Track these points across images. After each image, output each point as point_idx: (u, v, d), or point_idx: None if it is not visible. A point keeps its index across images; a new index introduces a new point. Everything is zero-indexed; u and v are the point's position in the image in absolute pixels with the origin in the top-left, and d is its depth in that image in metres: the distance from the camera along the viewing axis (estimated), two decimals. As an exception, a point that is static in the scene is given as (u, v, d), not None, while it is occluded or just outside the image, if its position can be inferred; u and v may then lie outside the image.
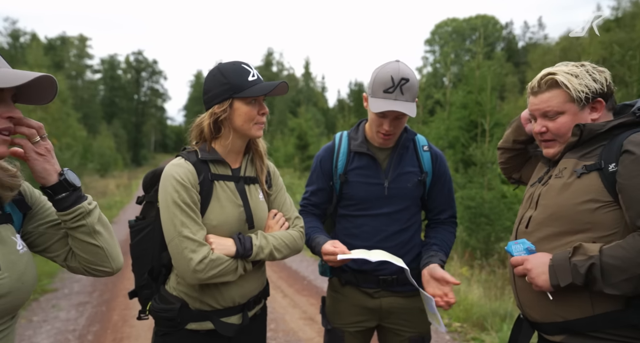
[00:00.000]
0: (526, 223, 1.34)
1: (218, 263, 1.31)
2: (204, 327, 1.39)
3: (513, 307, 4.13)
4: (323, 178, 1.73)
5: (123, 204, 13.65)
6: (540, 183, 1.37)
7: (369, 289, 1.69)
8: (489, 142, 7.18)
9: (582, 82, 1.25)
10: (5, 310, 0.90)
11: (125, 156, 38.57)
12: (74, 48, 46.37)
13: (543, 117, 1.31)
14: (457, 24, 48.39)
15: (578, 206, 1.20)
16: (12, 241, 0.94)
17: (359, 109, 20.16)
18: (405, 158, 1.69)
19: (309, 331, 3.73)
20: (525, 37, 48.62)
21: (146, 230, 1.47)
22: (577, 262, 1.14)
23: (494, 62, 12.44)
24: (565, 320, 1.23)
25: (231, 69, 1.39)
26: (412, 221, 1.70)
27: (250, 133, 1.40)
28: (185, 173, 1.35)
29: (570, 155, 1.29)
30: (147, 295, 1.47)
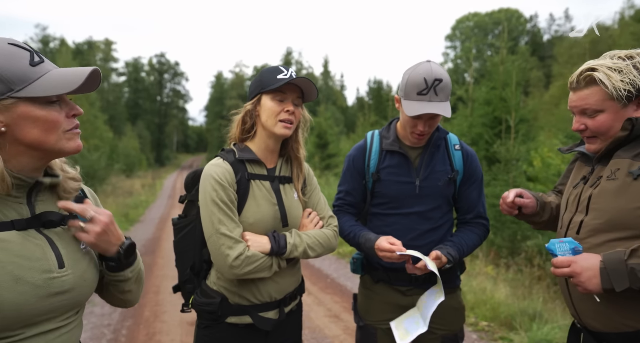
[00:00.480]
0: (577, 228, 1.26)
1: (253, 259, 1.36)
2: (243, 321, 1.44)
3: (542, 307, 4.05)
4: (357, 176, 1.75)
5: (148, 203, 14.01)
6: (586, 184, 1.28)
7: (402, 287, 1.70)
8: (514, 138, 7.05)
9: (625, 78, 1.16)
10: (70, 305, 0.95)
11: (149, 156, 39.49)
12: (100, 52, 47.73)
13: (582, 115, 1.26)
14: (479, 19, 47.49)
15: (638, 210, 1.13)
16: (76, 240, 1.00)
17: (378, 107, 20.06)
18: (437, 156, 1.69)
19: (335, 328, 3.75)
20: (551, 30, 47.38)
21: (188, 228, 1.53)
22: (635, 266, 1.07)
23: (518, 57, 12.18)
24: (635, 330, 1.16)
25: (266, 70, 1.46)
26: (443, 219, 1.70)
27: (274, 130, 1.43)
28: (223, 173, 1.40)
29: (623, 154, 1.20)
30: (189, 290, 1.54)
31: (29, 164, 0.92)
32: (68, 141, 0.92)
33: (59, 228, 0.97)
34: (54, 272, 0.91)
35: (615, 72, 1.17)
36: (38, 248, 0.91)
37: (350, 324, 3.84)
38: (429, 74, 1.53)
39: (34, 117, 0.87)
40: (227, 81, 54.42)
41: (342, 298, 4.52)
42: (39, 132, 0.88)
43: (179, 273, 1.58)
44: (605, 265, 1.11)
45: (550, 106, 19.65)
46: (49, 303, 0.90)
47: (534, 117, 11.09)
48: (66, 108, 0.93)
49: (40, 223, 0.94)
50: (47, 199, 0.98)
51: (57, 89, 0.87)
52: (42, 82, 0.87)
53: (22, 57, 0.87)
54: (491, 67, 9.22)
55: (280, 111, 1.42)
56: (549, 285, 4.92)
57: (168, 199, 15.15)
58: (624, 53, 1.22)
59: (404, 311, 1.71)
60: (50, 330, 0.92)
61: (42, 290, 0.89)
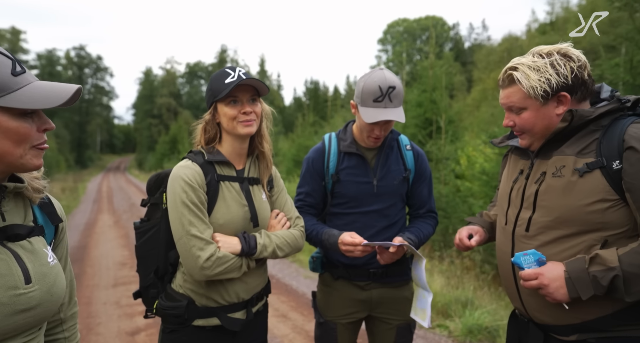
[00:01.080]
0: (525, 225, 1.27)
1: (224, 260, 1.36)
2: (210, 323, 1.43)
3: (473, 295, 4.40)
4: (316, 178, 1.80)
5: (70, 208, 12.91)
6: (528, 179, 1.30)
7: (361, 282, 1.78)
8: (444, 138, 7.53)
9: (542, 77, 1.19)
10: (35, 321, 0.90)
11: (69, 158, 36.41)
12: (5, 42, 42.93)
13: (510, 112, 1.30)
14: (408, 24, 49.93)
15: (588, 207, 1.15)
16: (43, 253, 0.94)
17: (316, 107, 20.30)
18: (391, 157, 1.80)
19: (283, 328, 3.77)
20: (470, 38, 51.07)
21: (151, 231, 1.50)
22: (597, 274, 1.10)
23: (444, 62, 13.01)
24: (583, 321, 1.19)
25: (214, 77, 1.46)
26: (398, 216, 1.81)
27: (236, 131, 1.45)
28: (192, 174, 1.39)
29: (567, 151, 1.22)
30: (153, 294, 1.50)
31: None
32: (32, 158, 0.88)
33: (25, 241, 0.91)
34: (20, 288, 0.86)
35: (534, 71, 1.20)
36: (3, 263, 0.86)
37: (298, 323, 3.88)
38: (383, 81, 1.62)
39: (5, 128, 0.83)
40: (158, 78, 51.75)
41: (289, 298, 4.55)
42: (6, 143, 0.84)
43: (140, 278, 1.53)
44: (569, 275, 1.14)
45: (472, 109, 21.22)
46: (13, 321, 0.85)
47: (459, 118, 11.94)
48: (38, 122, 0.89)
49: (5, 236, 0.88)
50: (11, 209, 0.92)
51: (38, 103, 0.83)
52: (23, 93, 0.83)
53: (4, 65, 0.83)
54: (421, 71, 9.77)
55: (237, 113, 1.43)
56: (477, 274, 5.35)
57: (94, 204, 14.09)
58: (546, 50, 1.24)
59: (362, 305, 1.79)
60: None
61: (8, 307, 0.84)
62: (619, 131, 1.15)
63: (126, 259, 6.27)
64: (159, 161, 28.10)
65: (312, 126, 12.66)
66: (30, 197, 0.96)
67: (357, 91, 1.69)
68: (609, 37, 9.36)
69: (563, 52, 1.22)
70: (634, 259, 1.08)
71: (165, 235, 1.45)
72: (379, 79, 1.63)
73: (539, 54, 1.23)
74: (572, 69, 1.19)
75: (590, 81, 1.23)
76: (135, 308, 4.28)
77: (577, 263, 1.15)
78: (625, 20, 4.63)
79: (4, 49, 0.87)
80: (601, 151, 1.16)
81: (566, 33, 22.57)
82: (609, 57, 5.17)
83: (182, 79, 54.03)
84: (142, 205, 1.55)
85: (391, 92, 1.62)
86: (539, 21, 33.42)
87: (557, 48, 1.23)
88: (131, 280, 5.26)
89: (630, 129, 1.13)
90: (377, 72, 1.66)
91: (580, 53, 1.24)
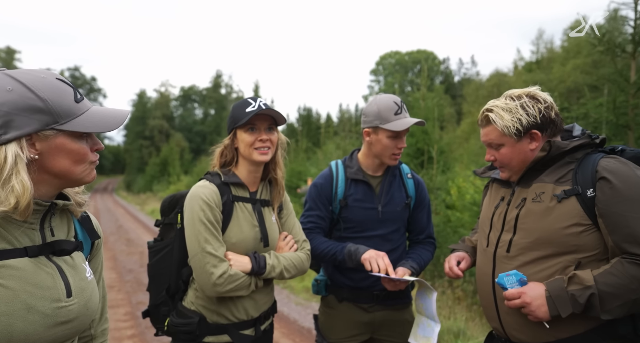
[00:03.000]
0: (506, 247, 1.37)
1: (235, 278, 1.42)
2: (220, 340, 1.48)
3: (465, 326, 4.41)
4: (325, 202, 1.88)
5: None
6: (510, 205, 1.41)
7: (365, 304, 1.83)
8: (436, 169, 7.69)
9: (514, 117, 1.33)
10: (71, 334, 0.94)
11: (56, 177, 35.80)
12: (0, 61, 43.10)
13: (490, 148, 1.44)
14: (399, 57, 51.48)
15: (564, 230, 1.26)
16: (82, 268, 1.00)
17: (309, 134, 20.57)
18: (394, 184, 1.90)
19: (275, 355, 3.73)
20: (460, 72, 52.79)
21: (165, 250, 1.55)
22: (575, 292, 1.20)
23: (435, 94, 13.45)
24: (558, 339, 1.28)
25: (236, 105, 1.57)
26: (400, 241, 1.89)
27: (252, 158, 1.53)
28: (210, 194, 1.46)
29: (546, 179, 1.34)
30: (165, 312, 1.53)
31: (47, 192, 0.94)
32: (89, 174, 0.96)
33: (67, 256, 0.97)
34: (62, 301, 0.91)
35: (506, 112, 1.34)
36: (49, 276, 0.91)
37: (290, 350, 3.84)
38: (394, 98, 1.81)
39: (68, 150, 0.91)
40: (151, 100, 52.03)
41: (280, 324, 4.51)
42: (69, 163, 0.92)
43: (151, 297, 1.57)
44: (550, 294, 1.23)
45: (462, 140, 21.74)
46: (54, 333, 0.89)
47: (450, 149, 12.25)
48: (91, 143, 0.97)
49: (51, 250, 0.93)
50: (57, 224, 0.98)
51: (97, 128, 0.93)
52: (85, 118, 0.92)
53: (69, 93, 0.92)
54: (413, 102, 10.08)
55: (254, 140, 1.52)
56: (468, 305, 5.37)
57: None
58: (517, 93, 1.39)
59: (365, 327, 1.84)
60: None
61: (51, 319, 0.88)
62: (592, 164, 1.29)
63: (114, 282, 6.16)
64: (149, 183, 27.86)
65: (305, 153, 12.82)
66: (73, 211, 1.02)
67: (372, 115, 1.80)
68: (592, 78, 9.83)
69: (531, 95, 1.37)
70: (608, 279, 1.19)
71: (179, 253, 1.51)
72: (390, 98, 1.81)
73: (511, 97, 1.39)
74: (540, 109, 1.35)
75: (557, 119, 1.38)
76: (123, 332, 4.20)
77: (557, 282, 1.24)
78: (607, 63, 4.92)
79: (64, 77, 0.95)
80: (577, 179, 1.29)
81: (551, 71, 23.45)
82: (592, 97, 5.44)
83: (176, 102, 54.40)
84: (156, 225, 1.62)
85: (403, 106, 1.81)
86: (525, 59, 34.94)
87: (526, 92, 1.39)
88: (119, 303, 5.16)
89: (602, 162, 1.28)
90: (383, 95, 1.85)
91: (547, 95, 1.39)
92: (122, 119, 0.96)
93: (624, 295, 1.18)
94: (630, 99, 4.03)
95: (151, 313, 1.58)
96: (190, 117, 53.03)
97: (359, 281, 1.79)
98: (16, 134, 0.84)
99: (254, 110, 1.49)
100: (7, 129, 0.84)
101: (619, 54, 4.09)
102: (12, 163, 0.83)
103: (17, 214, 0.86)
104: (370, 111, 1.81)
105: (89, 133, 0.94)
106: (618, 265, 1.21)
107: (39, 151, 0.88)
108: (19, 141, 0.85)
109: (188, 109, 54.75)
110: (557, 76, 21.25)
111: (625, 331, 1.24)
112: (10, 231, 0.88)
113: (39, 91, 0.87)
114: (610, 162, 1.27)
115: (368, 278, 1.71)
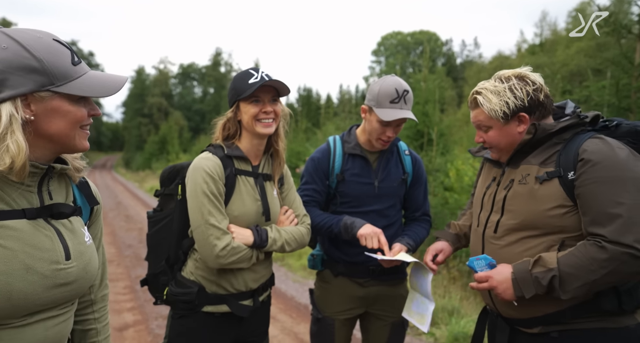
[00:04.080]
0: (494, 227, 1.41)
1: (238, 250, 1.43)
2: (219, 309, 1.50)
3: (459, 304, 4.50)
4: (322, 177, 1.88)
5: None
6: (499, 186, 1.44)
7: (360, 279, 1.86)
8: (435, 151, 7.68)
9: (501, 100, 1.33)
10: (70, 296, 0.96)
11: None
12: (-5, 34, 42.24)
13: (479, 129, 1.45)
14: (401, 37, 50.66)
15: (548, 211, 1.28)
16: (81, 232, 1.00)
17: (308, 114, 20.41)
18: (392, 160, 1.90)
19: (272, 329, 3.80)
20: (462, 54, 52.07)
21: (164, 221, 1.55)
22: (538, 274, 1.24)
23: (436, 76, 13.30)
24: (545, 314, 1.32)
25: (237, 77, 1.53)
26: (396, 217, 1.90)
27: (255, 130, 1.52)
28: (213, 166, 1.46)
29: (532, 161, 1.36)
30: (164, 281, 1.55)
31: (43, 156, 0.93)
32: (81, 140, 0.95)
33: (65, 220, 0.97)
34: (61, 264, 0.92)
35: (494, 94, 1.34)
36: (47, 239, 0.91)
37: (286, 325, 3.92)
38: (399, 85, 1.73)
39: (64, 112, 0.90)
40: (150, 77, 51.39)
41: (277, 301, 4.58)
42: (64, 126, 0.90)
43: (150, 266, 1.59)
44: (515, 276, 1.28)
45: (462, 123, 21.64)
46: (53, 294, 0.91)
47: (449, 132, 12.21)
48: (88, 107, 0.95)
49: (50, 214, 0.93)
50: (55, 188, 0.98)
51: (95, 92, 0.91)
52: (83, 82, 0.90)
53: (65, 54, 0.90)
54: (414, 83, 9.97)
55: (257, 112, 1.50)
56: (463, 284, 5.45)
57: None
58: (507, 75, 1.38)
59: (360, 302, 1.87)
60: (49, 317, 0.92)
61: (50, 280, 0.90)
62: (577, 145, 1.28)
63: (113, 256, 6.23)
64: (147, 160, 27.80)
65: (305, 133, 12.75)
66: (72, 176, 1.02)
67: (372, 94, 1.77)
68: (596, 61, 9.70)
69: (521, 77, 1.36)
70: (570, 260, 1.22)
71: (179, 224, 1.51)
72: (394, 83, 1.74)
73: (500, 79, 1.38)
74: (528, 92, 1.34)
75: (547, 101, 1.37)
76: (123, 305, 4.27)
77: (523, 265, 1.28)
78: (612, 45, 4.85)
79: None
80: (560, 162, 1.29)
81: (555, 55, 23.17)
82: (596, 80, 5.38)
83: (175, 80, 53.75)
84: (156, 195, 1.62)
85: (405, 95, 1.73)
86: (528, 42, 34.40)
87: (516, 73, 1.37)
88: (118, 277, 5.23)
89: (585, 144, 1.27)
90: (392, 77, 1.77)
91: (537, 77, 1.38)
92: (120, 85, 0.95)
93: (583, 277, 1.20)
94: (633, 82, 3.99)
95: (149, 282, 1.60)
96: (189, 96, 52.50)
97: (355, 257, 1.81)
98: (10, 93, 0.83)
99: (257, 81, 1.47)
100: (1, 88, 0.83)
101: (625, 36, 4.02)
102: (7, 122, 0.82)
103: (14, 175, 0.86)
104: (373, 89, 1.78)
105: (86, 96, 0.93)
106: (581, 247, 1.23)
107: (34, 112, 0.87)
108: (14, 101, 0.84)
109: (187, 87, 54.15)
110: (560, 59, 20.99)
111: (610, 306, 1.27)
112: (8, 193, 0.88)
113: (35, 51, 0.85)
114: (592, 143, 1.26)
115: (363, 254, 1.73)
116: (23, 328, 0.87)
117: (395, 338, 1.89)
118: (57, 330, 0.93)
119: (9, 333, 0.85)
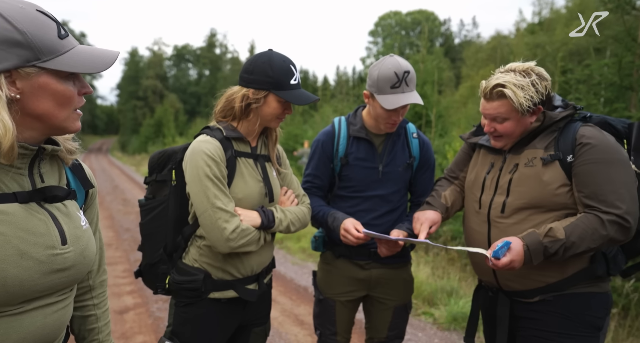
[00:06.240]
0: (500, 208, 1.50)
1: (247, 233, 1.41)
2: (225, 295, 1.48)
3: (458, 285, 4.53)
4: (325, 160, 1.83)
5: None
6: (502, 170, 1.52)
7: (361, 261, 1.83)
8: (434, 132, 7.63)
9: (527, 94, 1.41)
10: (68, 282, 0.92)
11: (49, 138, 35.43)
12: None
13: (492, 120, 1.49)
14: (399, 18, 49.81)
15: (555, 190, 1.41)
16: (77, 216, 0.96)
17: (305, 97, 20.23)
18: (398, 144, 1.83)
19: (272, 311, 3.82)
20: (461, 34, 51.38)
21: (159, 209, 1.51)
22: (548, 244, 1.36)
23: (435, 57, 13.12)
24: (547, 284, 1.46)
25: (279, 66, 1.45)
26: (400, 202, 1.86)
27: (270, 125, 1.52)
28: (214, 149, 1.41)
29: (538, 145, 1.48)
30: (164, 270, 1.51)
31: (32, 137, 0.87)
32: (73, 121, 0.90)
33: (60, 203, 0.93)
34: (57, 249, 0.88)
35: (520, 89, 1.41)
36: (42, 223, 0.87)
37: (286, 307, 3.94)
38: (397, 67, 1.64)
39: (52, 90, 0.84)
40: (144, 59, 50.55)
41: (277, 283, 4.60)
42: (52, 105, 0.85)
43: (146, 256, 1.54)
44: (529, 247, 1.38)
45: (460, 105, 21.48)
46: (50, 280, 0.87)
47: (447, 114, 12.12)
48: (79, 85, 0.90)
49: (43, 197, 0.89)
50: (47, 171, 0.93)
51: (84, 68, 0.85)
52: (70, 57, 0.84)
53: (51, 27, 0.83)
54: (412, 64, 9.84)
55: (282, 111, 1.48)
56: (462, 266, 5.49)
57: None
58: (523, 68, 1.45)
59: (362, 284, 1.84)
60: (48, 304, 0.89)
61: (46, 266, 0.86)
62: (573, 132, 1.44)
63: (111, 240, 6.22)
64: (143, 144, 27.63)
65: (302, 116, 12.64)
66: (64, 158, 0.97)
67: (372, 80, 1.70)
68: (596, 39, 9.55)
69: (538, 73, 1.46)
70: (575, 230, 1.35)
71: (175, 211, 1.47)
72: (393, 66, 1.65)
73: (521, 73, 1.45)
74: (546, 87, 1.46)
75: (553, 95, 1.53)
76: (122, 288, 4.28)
77: (533, 236, 1.40)
78: (615, 22, 4.75)
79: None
80: (559, 146, 1.44)
81: (554, 33, 22.91)
82: (596, 59, 5.30)
83: (170, 62, 52.92)
84: (145, 183, 1.55)
85: (407, 77, 1.65)
86: (527, 21, 33.90)
87: (535, 70, 1.46)
88: (117, 260, 5.23)
89: (581, 130, 1.43)
90: (390, 59, 1.69)
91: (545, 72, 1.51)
92: (111, 60, 0.88)
93: (584, 245, 1.35)
94: (636, 60, 3.92)
95: (145, 273, 1.56)
96: (184, 78, 51.84)
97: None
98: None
99: (295, 84, 1.46)
100: None
101: (629, 12, 3.93)
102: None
103: (2, 157, 0.81)
104: (372, 74, 1.70)
105: (75, 73, 0.87)
106: (583, 218, 1.37)
107: (20, 90, 0.81)
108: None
109: (182, 69, 53.41)
110: (559, 38, 20.71)
111: (601, 271, 1.45)
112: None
113: (17, 23, 0.79)
114: (587, 130, 1.42)
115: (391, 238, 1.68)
116: (21, 315, 0.84)
117: (398, 322, 1.88)
118: (56, 317, 0.91)
119: (7, 321, 0.83)
